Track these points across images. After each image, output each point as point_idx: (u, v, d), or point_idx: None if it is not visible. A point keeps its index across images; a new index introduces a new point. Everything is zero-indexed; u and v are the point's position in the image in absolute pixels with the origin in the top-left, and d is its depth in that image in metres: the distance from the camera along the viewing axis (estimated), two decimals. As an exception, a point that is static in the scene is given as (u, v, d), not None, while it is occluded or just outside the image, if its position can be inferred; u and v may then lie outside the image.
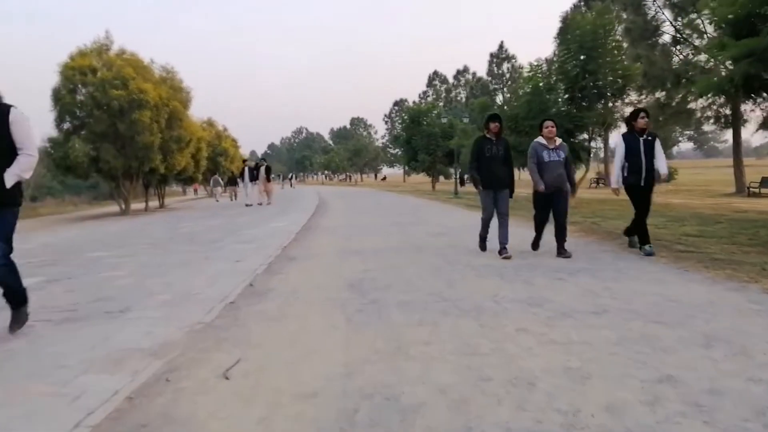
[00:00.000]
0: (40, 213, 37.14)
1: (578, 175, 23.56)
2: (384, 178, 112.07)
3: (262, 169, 30.13)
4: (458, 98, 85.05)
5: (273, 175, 34.58)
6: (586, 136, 23.38)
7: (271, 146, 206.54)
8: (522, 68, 73.70)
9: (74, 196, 55.33)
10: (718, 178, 49.62)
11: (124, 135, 27.49)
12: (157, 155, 28.64)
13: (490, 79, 76.99)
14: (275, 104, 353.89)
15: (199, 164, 37.52)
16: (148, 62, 30.80)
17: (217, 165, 53.42)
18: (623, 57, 22.13)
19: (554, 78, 22.85)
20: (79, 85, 27.51)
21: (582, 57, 21.28)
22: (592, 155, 23.59)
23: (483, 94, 72.78)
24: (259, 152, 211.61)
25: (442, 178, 55.64)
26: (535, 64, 23.45)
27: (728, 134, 33.90)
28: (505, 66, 74.59)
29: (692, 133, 72.93)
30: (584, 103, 22.20)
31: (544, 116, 23.20)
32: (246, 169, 30.07)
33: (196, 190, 51.77)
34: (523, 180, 41.89)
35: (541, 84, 22.34)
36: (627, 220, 9.94)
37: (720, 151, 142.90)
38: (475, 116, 37.40)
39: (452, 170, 49.56)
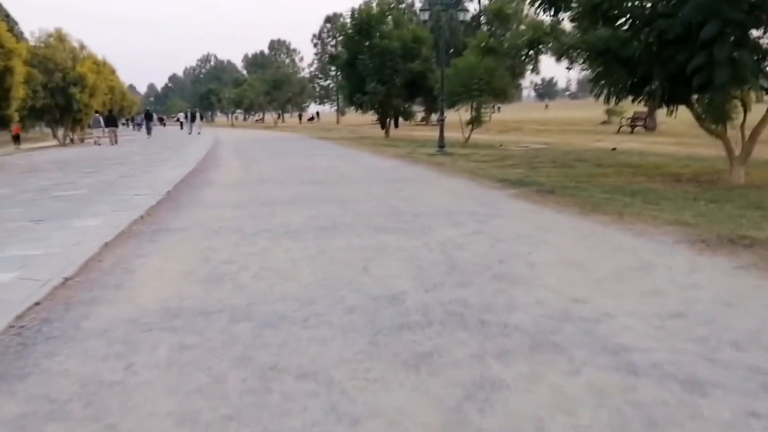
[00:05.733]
0: None
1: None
2: (311, 119, 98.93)
3: None
4: (414, 9, 71.49)
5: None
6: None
7: (173, 78, 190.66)
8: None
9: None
10: None
11: None
12: None
13: (466, -24, 63.66)
14: (177, 27, 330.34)
15: (9, 95, 25.10)
16: None
17: (69, 99, 40.63)
18: None
19: None
20: None
21: None
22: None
23: (437, 9, 59.66)
24: (159, 86, 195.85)
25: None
26: None
27: None
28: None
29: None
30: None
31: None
32: None
33: (16, 137, 38.79)
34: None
35: None
36: None
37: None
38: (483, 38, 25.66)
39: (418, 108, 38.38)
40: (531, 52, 15.77)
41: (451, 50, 46.32)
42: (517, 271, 5.68)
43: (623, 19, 12.69)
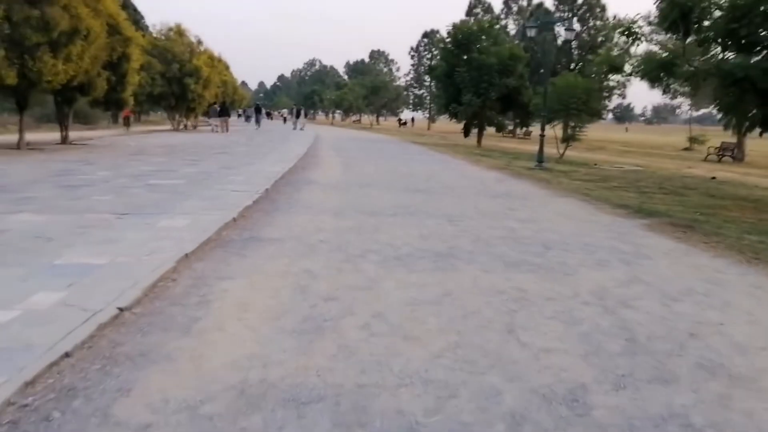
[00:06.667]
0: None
1: None
2: (405, 123, 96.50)
3: None
4: (508, 30, 68.23)
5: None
6: None
7: (281, 78, 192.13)
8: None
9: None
10: None
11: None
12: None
13: (556, 4, 60.33)
14: (288, 33, 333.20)
15: (125, 80, 23.98)
16: None
17: (184, 88, 40.08)
18: None
19: None
20: None
21: None
22: None
23: (544, 25, 56.70)
24: (268, 84, 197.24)
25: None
26: None
27: None
28: (580, -14, 57.83)
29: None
30: None
31: None
32: None
33: (127, 119, 38.34)
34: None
35: None
36: None
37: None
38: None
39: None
40: (662, 74, 13.46)
41: (541, 70, 43.89)
42: (726, 360, 3.67)
43: (759, 47, 10.51)
